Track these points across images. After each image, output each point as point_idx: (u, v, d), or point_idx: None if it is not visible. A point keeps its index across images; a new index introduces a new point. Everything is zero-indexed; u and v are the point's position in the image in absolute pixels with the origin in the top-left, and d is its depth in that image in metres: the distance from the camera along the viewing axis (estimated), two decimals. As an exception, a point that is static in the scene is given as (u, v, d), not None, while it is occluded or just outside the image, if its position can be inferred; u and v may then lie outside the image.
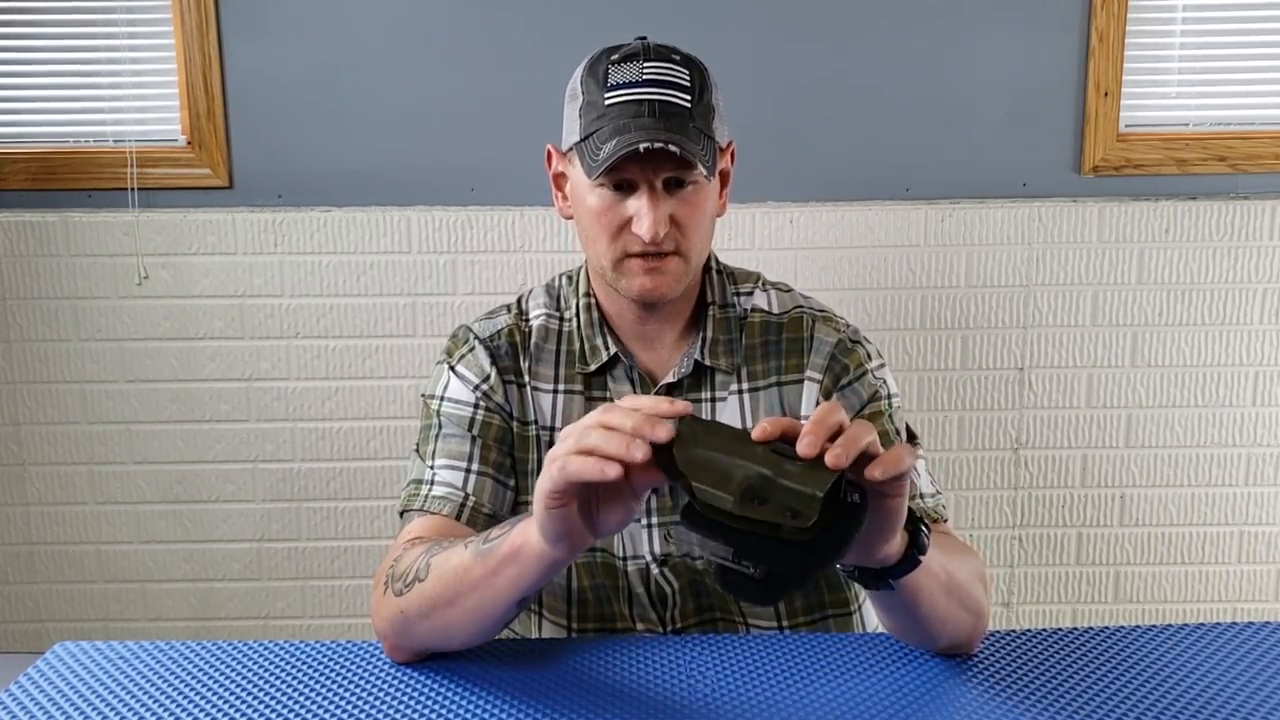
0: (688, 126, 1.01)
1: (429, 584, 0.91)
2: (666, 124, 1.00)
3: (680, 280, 1.07)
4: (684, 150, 0.99)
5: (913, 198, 2.13)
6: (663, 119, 1.00)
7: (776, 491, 0.73)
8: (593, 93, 1.04)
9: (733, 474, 0.74)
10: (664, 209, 1.03)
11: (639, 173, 1.02)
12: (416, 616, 0.93)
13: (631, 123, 1.00)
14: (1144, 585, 2.26)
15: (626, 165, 1.01)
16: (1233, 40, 2.12)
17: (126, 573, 2.22)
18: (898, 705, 0.90)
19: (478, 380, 1.12)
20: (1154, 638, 1.02)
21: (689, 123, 1.02)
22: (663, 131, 0.99)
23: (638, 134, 0.99)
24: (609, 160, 0.99)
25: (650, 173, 1.02)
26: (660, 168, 1.02)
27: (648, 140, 0.98)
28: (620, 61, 1.04)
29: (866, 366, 1.13)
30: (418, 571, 0.93)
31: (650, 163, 1.01)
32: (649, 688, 0.93)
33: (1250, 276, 2.15)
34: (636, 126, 1.00)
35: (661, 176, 1.02)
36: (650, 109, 1.01)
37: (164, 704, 0.91)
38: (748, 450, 0.74)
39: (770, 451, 0.74)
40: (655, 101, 1.01)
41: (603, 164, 0.99)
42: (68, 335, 2.15)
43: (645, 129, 0.99)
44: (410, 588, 0.93)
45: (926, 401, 2.18)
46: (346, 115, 2.10)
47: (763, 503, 0.73)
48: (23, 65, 2.12)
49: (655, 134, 0.99)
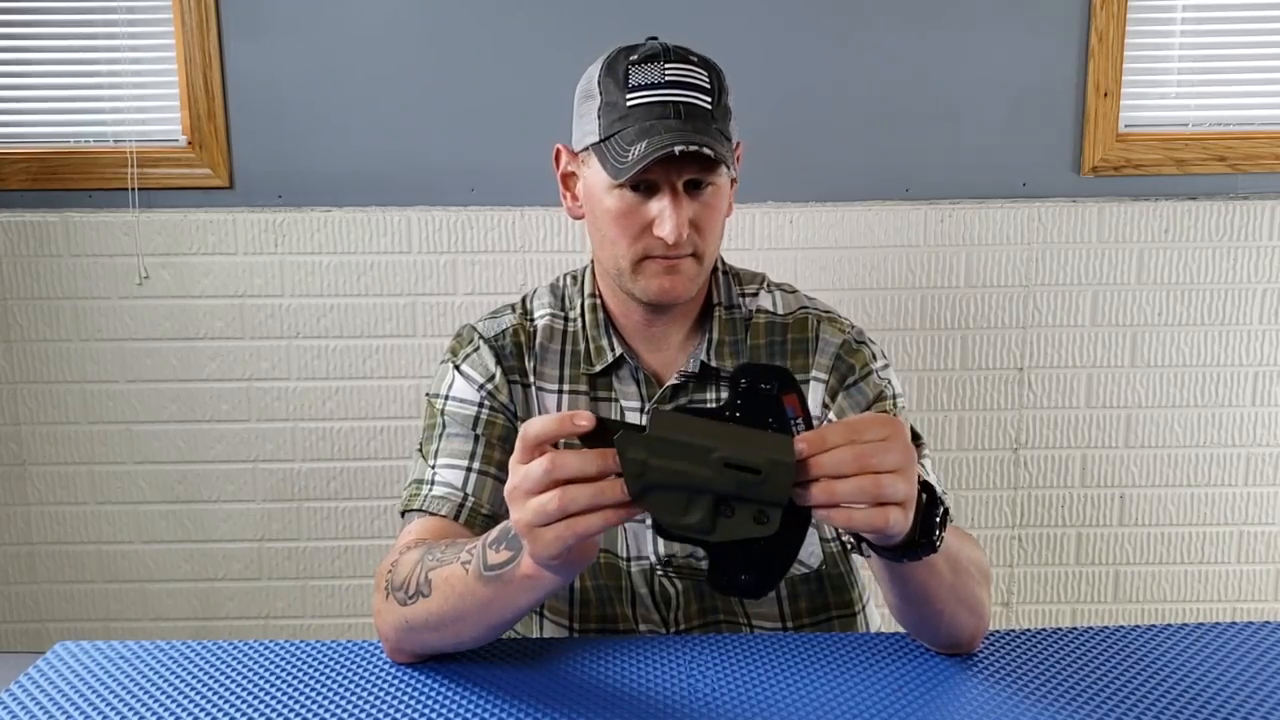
0: (711, 128, 1.01)
1: (434, 602, 0.90)
2: (694, 126, 1.00)
3: (694, 281, 1.07)
4: (716, 154, 0.98)
5: (913, 198, 2.13)
6: (688, 120, 1.00)
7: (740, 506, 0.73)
8: (612, 93, 1.03)
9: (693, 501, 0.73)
10: (686, 212, 1.03)
11: (662, 174, 1.02)
12: (423, 628, 0.93)
13: (658, 124, 1.00)
14: (1143, 585, 2.26)
15: (651, 167, 1.00)
16: (1232, 40, 2.12)
17: (127, 573, 2.22)
18: (899, 704, 0.90)
19: (483, 379, 1.12)
20: (1153, 637, 1.02)
21: (711, 124, 1.02)
22: (692, 134, 0.99)
23: (667, 136, 0.98)
24: (641, 163, 0.98)
25: (674, 174, 1.02)
26: (684, 169, 1.01)
27: (681, 143, 0.97)
28: (640, 62, 1.03)
29: (872, 367, 1.13)
30: (419, 585, 0.92)
31: (675, 165, 1.00)
32: (651, 687, 0.93)
33: (1250, 276, 2.15)
34: (664, 129, 0.99)
35: (684, 178, 1.02)
36: (675, 110, 1.01)
37: (164, 704, 0.91)
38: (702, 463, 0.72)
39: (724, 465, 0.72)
40: (679, 103, 1.01)
41: (633, 167, 0.99)
42: (68, 335, 2.15)
43: (673, 131, 0.99)
44: (414, 600, 0.92)
45: (926, 401, 2.19)
46: (346, 115, 2.10)
47: (728, 517, 0.73)
48: (23, 65, 2.12)
49: (686, 136, 0.98)
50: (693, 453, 0.72)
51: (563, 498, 0.73)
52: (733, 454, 0.71)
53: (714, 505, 0.73)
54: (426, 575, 0.92)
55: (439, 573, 0.91)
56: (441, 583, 0.90)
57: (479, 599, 0.87)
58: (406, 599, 0.93)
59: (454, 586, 0.89)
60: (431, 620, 0.91)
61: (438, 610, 0.90)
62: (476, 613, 0.88)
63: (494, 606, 0.87)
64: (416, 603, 0.92)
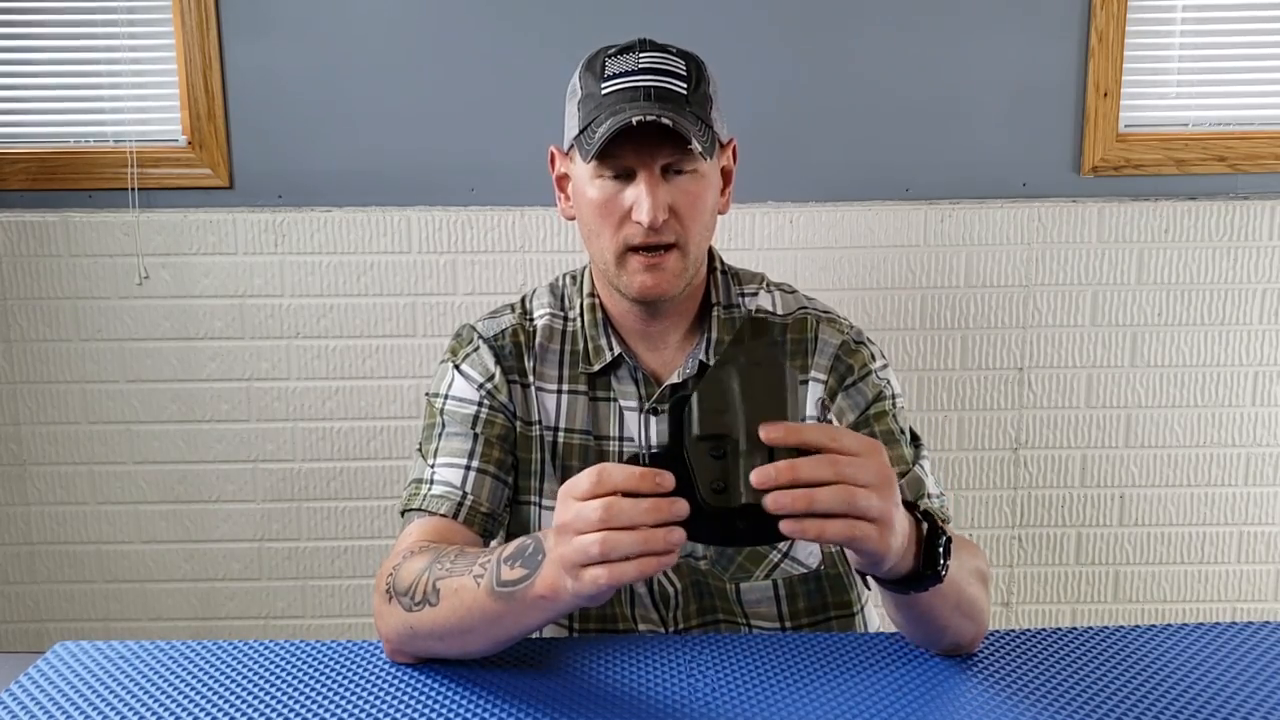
0: (684, 110, 1.02)
1: (441, 612, 0.90)
2: (661, 106, 1.00)
3: (680, 276, 1.07)
4: (676, 124, 0.99)
5: (913, 198, 2.13)
6: (658, 102, 1.01)
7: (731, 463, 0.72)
8: (590, 85, 1.04)
9: (723, 419, 0.72)
10: (663, 195, 1.03)
11: (635, 158, 1.02)
12: (429, 636, 0.93)
13: (627, 106, 1.01)
14: (1143, 585, 2.26)
15: (623, 150, 1.01)
16: (1232, 40, 2.12)
17: (127, 573, 2.22)
18: (898, 705, 0.90)
19: (482, 379, 1.12)
20: (1153, 637, 1.02)
21: (685, 107, 1.02)
22: (656, 109, 0.99)
23: (632, 112, 0.99)
24: (603, 138, 0.99)
25: (648, 157, 1.02)
26: (658, 151, 1.02)
27: (640, 114, 0.98)
28: (617, 54, 1.05)
29: (871, 367, 1.13)
30: (426, 593, 0.91)
31: (647, 147, 1.01)
32: (650, 687, 0.93)
33: (1250, 276, 2.15)
34: (632, 109, 1.00)
35: (660, 162, 1.03)
36: (646, 93, 1.01)
37: (164, 704, 0.91)
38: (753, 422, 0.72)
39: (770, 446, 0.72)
40: (651, 87, 1.02)
41: (598, 143, 0.99)
42: (68, 335, 2.15)
43: (640, 109, 1.00)
44: (420, 607, 0.92)
45: (926, 401, 2.18)
46: (346, 115, 2.10)
47: (715, 458, 0.73)
48: (23, 65, 2.12)
49: (647, 109, 0.99)
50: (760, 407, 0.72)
51: (604, 544, 0.73)
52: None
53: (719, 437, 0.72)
54: (435, 584, 0.91)
55: (448, 583, 0.90)
56: (450, 594, 0.89)
57: (488, 614, 0.87)
58: (413, 605, 0.92)
59: (463, 599, 0.88)
60: (438, 629, 0.91)
61: (444, 620, 0.90)
62: (484, 627, 0.88)
63: (503, 623, 0.87)
64: (423, 610, 0.91)
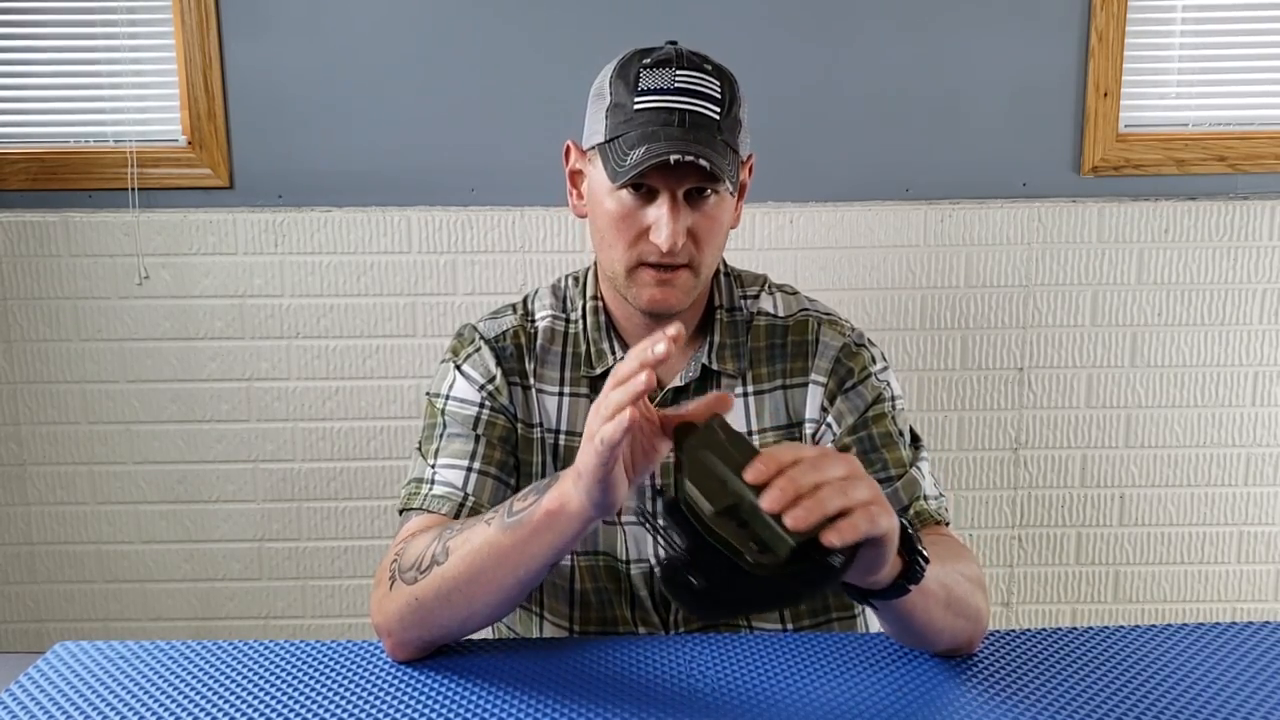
0: (715, 139, 1.00)
1: (450, 565, 0.92)
2: (695, 135, 0.99)
3: (688, 293, 1.07)
4: (713, 165, 0.98)
5: (912, 198, 2.13)
6: (691, 130, 0.99)
7: (758, 521, 0.72)
8: (621, 95, 1.02)
9: (726, 487, 0.73)
10: (684, 220, 1.02)
11: (661, 181, 1.01)
12: (434, 601, 0.93)
13: (660, 130, 0.99)
14: (1143, 585, 2.26)
15: (650, 173, 1.00)
16: (1232, 40, 2.12)
17: (126, 573, 2.22)
18: (898, 705, 0.90)
19: (483, 380, 1.12)
20: (1153, 638, 1.02)
21: (717, 135, 1.01)
22: (692, 144, 0.98)
23: (667, 144, 0.98)
24: (636, 169, 0.98)
25: (673, 182, 1.01)
26: (684, 178, 1.01)
27: (678, 152, 0.97)
28: (653, 66, 1.02)
29: (871, 370, 1.13)
30: (434, 556, 0.93)
31: (674, 173, 1.00)
32: (650, 686, 0.93)
33: (1250, 277, 2.15)
34: (666, 136, 0.99)
35: (684, 187, 1.02)
36: (680, 118, 1.00)
37: (164, 704, 0.91)
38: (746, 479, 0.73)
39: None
40: (685, 111, 1.00)
41: (629, 172, 0.99)
42: (68, 335, 2.15)
43: (674, 139, 0.98)
44: (426, 573, 0.93)
45: (926, 401, 2.18)
46: (346, 115, 2.10)
47: (740, 525, 0.72)
48: (23, 65, 2.12)
49: (685, 145, 0.98)
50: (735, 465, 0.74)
51: (616, 389, 0.78)
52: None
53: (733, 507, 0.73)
54: (445, 545, 0.94)
55: (458, 538, 0.93)
56: (460, 544, 0.92)
57: (497, 550, 0.89)
58: (418, 575, 0.94)
59: (473, 543, 0.91)
60: (444, 587, 0.92)
61: (453, 574, 0.92)
62: (493, 568, 0.90)
63: (511, 558, 0.89)
64: (429, 573, 0.93)
